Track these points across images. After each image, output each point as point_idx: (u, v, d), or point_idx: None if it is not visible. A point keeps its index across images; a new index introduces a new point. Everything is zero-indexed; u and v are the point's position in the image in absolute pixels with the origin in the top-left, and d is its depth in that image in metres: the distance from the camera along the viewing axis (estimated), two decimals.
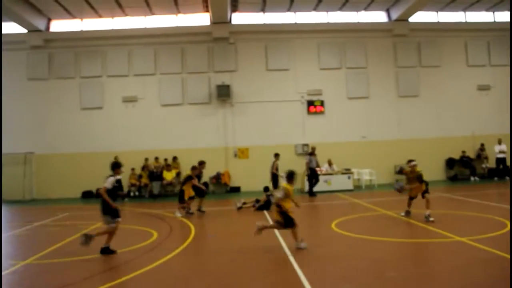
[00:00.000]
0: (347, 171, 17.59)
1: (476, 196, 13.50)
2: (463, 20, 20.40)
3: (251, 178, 18.01)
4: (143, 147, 18.43)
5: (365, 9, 19.46)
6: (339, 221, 9.73)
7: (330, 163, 18.00)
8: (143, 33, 18.89)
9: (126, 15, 18.87)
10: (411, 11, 18.70)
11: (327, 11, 19.57)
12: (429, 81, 19.90)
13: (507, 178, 18.49)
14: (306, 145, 18.56)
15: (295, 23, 19.50)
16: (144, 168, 18.25)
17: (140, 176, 18.02)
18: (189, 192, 11.84)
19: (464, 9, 20.10)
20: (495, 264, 5.86)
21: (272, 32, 19.37)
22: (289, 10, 19.29)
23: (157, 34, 18.86)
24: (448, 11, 20.12)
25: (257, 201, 12.59)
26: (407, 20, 19.47)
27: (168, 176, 17.63)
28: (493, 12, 20.66)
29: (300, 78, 19.24)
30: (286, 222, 7.02)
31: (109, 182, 7.22)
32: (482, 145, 19.56)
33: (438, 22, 20.15)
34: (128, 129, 18.60)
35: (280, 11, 19.42)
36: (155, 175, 17.77)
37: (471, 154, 19.63)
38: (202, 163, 12.66)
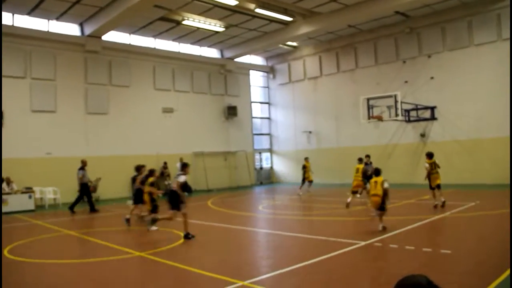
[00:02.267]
0: (28, 190, 19.64)
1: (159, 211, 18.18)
2: (153, 46, 26.22)
3: None
4: None
5: (57, 18, 22.55)
6: (14, 246, 10.62)
7: (8, 181, 20.08)
8: None
9: None
10: (105, 29, 22.56)
11: (12, 14, 21.92)
12: (119, 100, 24.51)
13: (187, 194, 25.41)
14: None
15: None
16: None
17: None
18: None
19: (154, 36, 25.96)
20: (169, 276, 7.78)
21: None
22: None
23: None
24: (140, 35, 25.36)
25: None
26: (101, 37, 23.56)
27: None
28: (179, 43, 27.36)
29: None
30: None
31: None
32: (165, 163, 25.80)
33: (130, 44, 25.01)
34: None
35: None
36: None
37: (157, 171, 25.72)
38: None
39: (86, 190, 18.40)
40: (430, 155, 15.01)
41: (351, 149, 26.15)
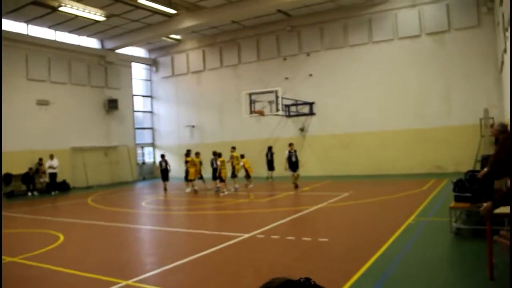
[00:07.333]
0: None
1: (32, 211, 16.88)
2: (25, 32, 24.47)
3: None
4: None
5: None
6: None
7: None
8: None
9: None
10: None
11: None
12: None
13: (56, 192, 23.84)
14: None
15: None
16: None
17: None
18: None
19: (27, 21, 24.09)
20: (45, 281, 7.29)
21: None
22: None
23: None
24: (9, 19, 23.33)
25: None
26: None
27: None
28: (55, 31, 25.71)
29: None
30: None
31: None
32: (41, 159, 24.27)
33: None
34: None
35: None
36: None
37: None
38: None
39: None
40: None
41: (234, 143, 26.61)
